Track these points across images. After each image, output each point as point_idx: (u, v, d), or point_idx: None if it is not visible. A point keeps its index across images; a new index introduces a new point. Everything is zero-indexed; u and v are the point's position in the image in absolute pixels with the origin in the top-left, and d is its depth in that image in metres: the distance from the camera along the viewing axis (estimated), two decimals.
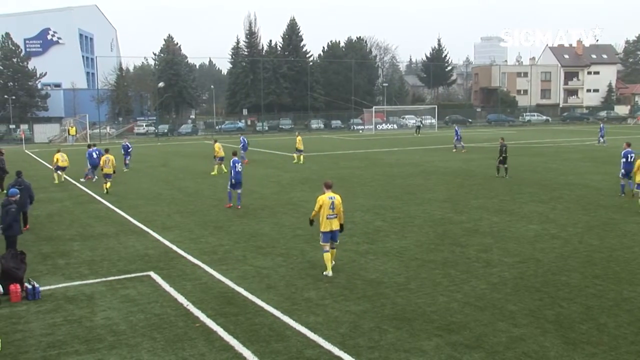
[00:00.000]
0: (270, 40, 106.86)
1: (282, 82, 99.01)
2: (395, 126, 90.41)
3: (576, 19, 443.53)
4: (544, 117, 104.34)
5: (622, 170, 24.49)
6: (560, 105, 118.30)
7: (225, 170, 32.48)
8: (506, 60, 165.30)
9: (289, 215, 21.25)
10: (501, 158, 30.35)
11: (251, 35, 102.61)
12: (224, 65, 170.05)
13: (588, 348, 9.64)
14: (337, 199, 13.96)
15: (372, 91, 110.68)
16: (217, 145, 35.24)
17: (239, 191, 22.97)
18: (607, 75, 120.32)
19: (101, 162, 28.89)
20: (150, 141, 71.07)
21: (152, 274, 14.10)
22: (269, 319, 11.10)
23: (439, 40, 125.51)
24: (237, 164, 22.79)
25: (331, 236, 13.92)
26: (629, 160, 24.11)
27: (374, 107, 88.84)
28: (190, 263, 15.08)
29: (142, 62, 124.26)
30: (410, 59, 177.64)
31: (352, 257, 15.25)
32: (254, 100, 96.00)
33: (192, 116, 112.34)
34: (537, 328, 10.48)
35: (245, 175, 32.28)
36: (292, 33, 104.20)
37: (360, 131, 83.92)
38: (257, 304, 11.94)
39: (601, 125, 57.46)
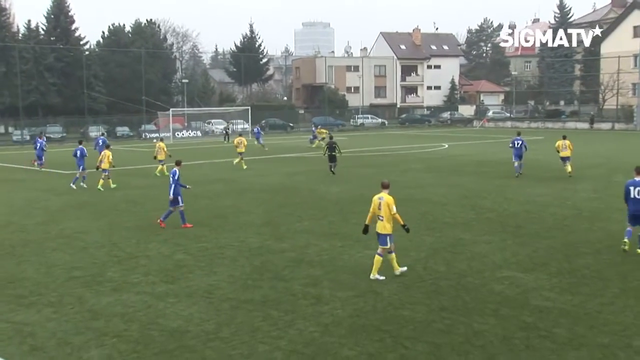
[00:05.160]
0: (29, 21, 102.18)
1: (48, 77, 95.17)
2: (199, 133, 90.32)
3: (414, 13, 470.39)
4: (380, 120, 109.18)
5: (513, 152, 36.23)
6: (398, 106, 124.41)
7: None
8: (333, 51, 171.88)
9: (61, 251, 20.42)
10: (328, 155, 37.80)
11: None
12: None
13: None
14: (386, 199, 16.07)
15: (168, 89, 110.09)
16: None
17: (180, 208, 24.10)
18: (449, 69, 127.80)
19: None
20: None
21: None
22: None
23: (251, 26, 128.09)
24: (174, 175, 23.94)
25: (379, 239, 16.28)
26: (516, 146, 35.76)
27: (171, 109, 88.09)
28: None
29: None
30: (217, 49, 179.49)
31: (147, 302, 14.98)
32: (9, 100, 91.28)
33: None
34: None
35: None
36: (60, 12, 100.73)
37: (155, 140, 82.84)
38: None
39: (315, 127, 68.11)
